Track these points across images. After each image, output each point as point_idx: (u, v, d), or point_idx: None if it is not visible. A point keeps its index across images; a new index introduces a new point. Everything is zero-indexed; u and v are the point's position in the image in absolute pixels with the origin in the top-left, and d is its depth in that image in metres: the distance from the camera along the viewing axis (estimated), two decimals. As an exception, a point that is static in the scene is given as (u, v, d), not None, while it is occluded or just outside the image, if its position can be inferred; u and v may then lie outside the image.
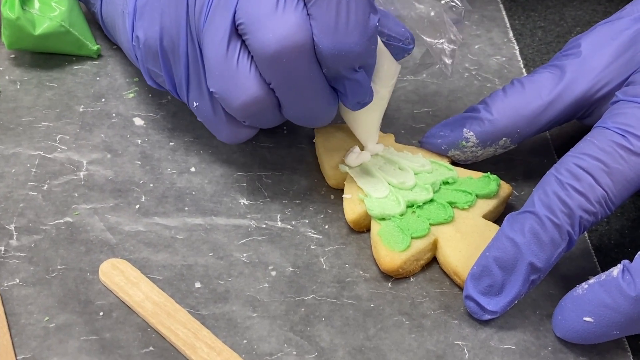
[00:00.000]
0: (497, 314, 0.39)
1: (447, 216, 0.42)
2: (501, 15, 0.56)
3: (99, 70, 0.51)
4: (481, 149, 0.44)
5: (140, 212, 0.44)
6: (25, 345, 0.38)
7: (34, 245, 0.42)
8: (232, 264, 0.42)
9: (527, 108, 0.43)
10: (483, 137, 0.44)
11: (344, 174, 0.44)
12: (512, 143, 0.44)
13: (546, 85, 0.43)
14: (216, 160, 0.46)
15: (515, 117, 0.43)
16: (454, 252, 0.41)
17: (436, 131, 0.45)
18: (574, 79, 0.43)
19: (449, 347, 0.39)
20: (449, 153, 0.45)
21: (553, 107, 0.43)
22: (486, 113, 0.44)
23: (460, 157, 0.45)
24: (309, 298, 0.41)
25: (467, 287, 0.39)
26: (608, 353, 0.39)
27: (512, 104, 0.43)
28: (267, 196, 0.45)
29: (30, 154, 0.46)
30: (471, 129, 0.44)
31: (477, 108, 0.44)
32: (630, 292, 0.36)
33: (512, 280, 0.38)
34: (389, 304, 0.41)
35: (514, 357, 0.39)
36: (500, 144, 0.44)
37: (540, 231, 0.38)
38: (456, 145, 0.44)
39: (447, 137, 0.44)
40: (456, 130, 0.44)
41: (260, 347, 0.39)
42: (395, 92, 0.51)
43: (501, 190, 0.44)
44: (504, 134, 0.44)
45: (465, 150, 0.44)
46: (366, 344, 0.39)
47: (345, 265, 0.42)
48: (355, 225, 0.43)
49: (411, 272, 0.42)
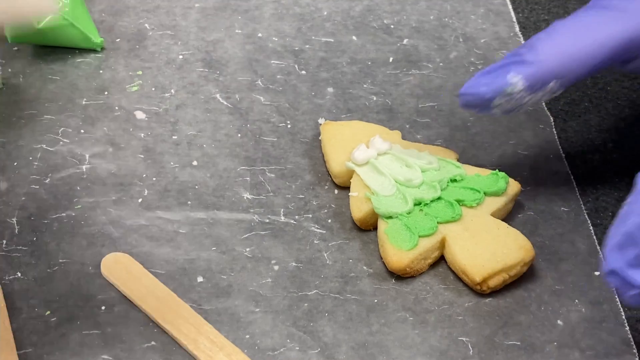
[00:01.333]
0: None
1: (455, 214, 0.42)
2: (507, 10, 0.55)
3: (101, 64, 0.50)
4: (529, 94, 0.41)
5: (143, 206, 0.43)
6: (26, 339, 0.38)
7: (36, 239, 0.42)
8: (234, 258, 0.42)
9: (576, 46, 0.40)
10: (532, 80, 0.40)
11: (350, 172, 0.44)
12: (561, 87, 0.41)
13: (596, 24, 0.41)
14: (219, 154, 0.46)
15: (564, 57, 0.40)
16: (462, 251, 0.41)
17: (476, 80, 0.41)
18: (625, 19, 0.41)
19: (453, 342, 0.39)
20: (494, 103, 0.41)
21: (605, 46, 0.40)
22: (532, 55, 0.41)
23: (505, 107, 0.41)
24: (312, 293, 0.40)
25: (609, 260, 0.34)
26: (614, 348, 0.39)
27: (559, 43, 0.41)
28: (270, 190, 0.45)
29: (33, 147, 0.46)
30: (518, 72, 0.40)
31: (519, 52, 0.41)
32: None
33: None
34: (393, 300, 0.40)
35: (518, 353, 0.39)
36: (548, 89, 0.41)
37: None
38: (502, 93, 0.41)
39: (491, 84, 0.41)
40: (500, 77, 0.41)
41: (263, 342, 0.38)
42: (400, 86, 0.50)
43: (509, 187, 0.43)
44: (554, 75, 0.41)
45: (512, 97, 0.41)
46: (369, 339, 0.39)
47: (348, 260, 0.42)
48: (361, 224, 0.43)
49: (418, 271, 0.41)
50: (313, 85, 0.50)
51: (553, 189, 0.46)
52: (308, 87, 0.50)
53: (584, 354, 0.39)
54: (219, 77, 0.50)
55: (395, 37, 0.53)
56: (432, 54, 0.52)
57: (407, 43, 0.53)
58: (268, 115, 0.48)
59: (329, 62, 0.51)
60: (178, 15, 0.53)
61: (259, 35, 0.53)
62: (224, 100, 0.49)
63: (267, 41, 0.52)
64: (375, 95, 0.50)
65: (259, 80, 0.50)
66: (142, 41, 0.52)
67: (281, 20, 0.54)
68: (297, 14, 0.54)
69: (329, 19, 0.54)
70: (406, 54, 0.52)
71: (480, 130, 0.48)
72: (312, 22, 0.54)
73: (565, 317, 0.40)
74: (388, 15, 0.54)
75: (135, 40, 0.52)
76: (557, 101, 0.50)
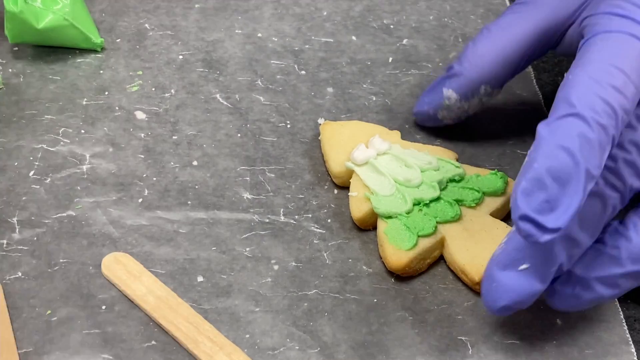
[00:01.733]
0: (560, 231, 0.34)
1: (454, 214, 0.42)
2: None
3: (102, 64, 0.50)
4: (465, 102, 0.45)
5: (143, 205, 0.43)
6: (27, 339, 0.38)
7: (37, 239, 0.42)
8: (234, 258, 0.42)
9: (497, 50, 0.43)
10: (462, 90, 0.44)
11: (349, 172, 0.44)
12: (493, 88, 0.45)
13: (511, 23, 0.43)
14: (219, 154, 0.46)
15: (485, 62, 0.44)
16: (462, 251, 0.41)
17: (422, 99, 0.46)
18: (536, 11, 0.43)
19: (452, 342, 0.39)
20: (439, 115, 0.46)
21: (520, 42, 0.43)
22: (459, 67, 0.44)
23: (451, 116, 0.46)
24: (311, 293, 0.40)
25: (518, 206, 0.34)
26: (612, 347, 0.39)
27: (480, 50, 0.44)
28: (270, 190, 0.45)
29: (33, 147, 0.46)
30: (450, 87, 0.44)
31: (452, 66, 0.45)
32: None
33: (570, 191, 0.34)
34: (392, 299, 0.40)
35: (518, 352, 0.39)
36: (482, 92, 0.45)
37: (590, 134, 0.34)
38: (441, 106, 0.45)
39: (431, 102, 0.45)
40: (437, 93, 0.45)
41: (262, 342, 0.39)
42: (400, 86, 0.50)
43: (508, 187, 0.43)
44: (481, 81, 0.44)
45: (452, 108, 0.45)
46: (369, 339, 0.39)
47: (348, 260, 0.42)
48: (361, 224, 0.43)
49: (418, 270, 0.41)
50: (313, 85, 0.50)
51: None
52: (308, 87, 0.50)
53: (582, 352, 0.39)
54: (218, 77, 0.50)
55: (394, 37, 0.53)
56: (431, 54, 0.52)
57: (406, 43, 0.53)
58: (268, 115, 0.48)
59: (328, 62, 0.51)
60: (178, 16, 0.54)
61: (259, 35, 0.53)
62: (224, 100, 0.49)
63: (267, 41, 0.52)
64: (374, 95, 0.50)
65: (259, 80, 0.50)
66: (142, 41, 0.52)
67: (281, 21, 0.54)
68: (297, 14, 0.54)
69: (328, 19, 0.54)
70: (406, 54, 0.52)
71: (479, 130, 0.48)
72: (312, 22, 0.54)
73: (564, 316, 0.40)
74: (388, 16, 0.54)
75: (135, 41, 0.52)
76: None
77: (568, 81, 0.36)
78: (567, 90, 0.36)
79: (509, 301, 0.37)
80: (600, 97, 0.35)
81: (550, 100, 0.50)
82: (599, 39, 0.37)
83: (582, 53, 0.37)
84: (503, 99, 0.50)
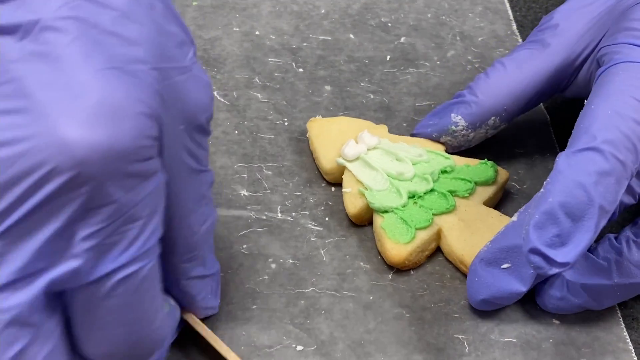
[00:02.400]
0: (569, 265, 0.35)
1: (449, 205, 0.42)
2: (504, 8, 0.55)
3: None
4: (472, 131, 0.44)
5: (140, 203, 0.43)
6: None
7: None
8: (231, 255, 0.42)
9: (510, 85, 0.43)
10: (471, 119, 0.44)
11: (341, 168, 0.44)
12: (502, 122, 0.44)
13: (526, 60, 0.44)
14: (216, 152, 0.46)
15: (499, 95, 0.44)
16: (459, 241, 0.41)
17: (426, 121, 0.45)
18: (552, 49, 0.43)
19: (449, 340, 0.39)
20: (441, 139, 0.45)
21: (535, 80, 0.43)
22: (471, 96, 0.44)
23: (453, 143, 0.45)
24: (308, 290, 0.40)
25: (530, 239, 0.35)
26: (609, 345, 0.39)
27: (495, 83, 0.44)
28: (267, 188, 0.45)
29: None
30: (459, 113, 0.44)
31: (462, 93, 0.45)
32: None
33: (582, 227, 0.35)
34: (390, 297, 0.40)
35: (514, 350, 0.39)
36: (490, 124, 0.44)
37: (608, 170, 0.35)
38: (446, 131, 0.44)
39: (437, 124, 0.45)
40: (445, 117, 0.44)
41: (259, 340, 0.38)
42: (397, 84, 0.50)
43: (499, 176, 0.44)
44: (492, 113, 0.44)
45: (457, 135, 0.44)
46: (366, 337, 0.39)
47: (345, 258, 0.42)
48: (357, 219, 0.43)
49: (417, 263, 0.41)
50: (310, 83, 0.50)
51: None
52: (305, 85, 0.50)
53: (579, 351, 0.39)
54: (216, 74, 0.50)
55: (392, 36, 0.53)
56: (429, 53, 0.52)
57: (404, 41, 0.53)
58: (265, 113, 0.48)
59: (326, 60, 0.51)
60: (176, 13, 0.53)
61: (257, 33, 0.53)
62: (222, 97, 0.49)
63: (265, 39, 0.52)
64: (372, 93, 0.50)
65: (257, 78, 0.50)
66: (140, 39, 0.52)
67: (279, 18, 0.54)
68: (294, 12, 0.54)
69: (326, 17, 0.54)
70: (404, 52, 0.52)
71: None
72: (310, 20, 0.54)
73: (561, 315, 0.40)
74: (386, 14, 0.54)
75: (132, 38, 0.52)
76: (554, 100, 0.50)
77: (590, 111, 0.36)
78: (588, 121, 0.36)
79: (487, 296, 0.39)
80: (621, 131, 0.35)
81: (551, 103, 0.50)
82: (621, 68, 0.37)
83: (604, 82, 0.37)
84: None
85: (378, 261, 0.42)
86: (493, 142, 0.47)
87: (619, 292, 0.38)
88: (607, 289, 0.38)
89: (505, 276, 0.38)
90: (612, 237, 0.39)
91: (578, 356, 0.39)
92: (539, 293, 0.40)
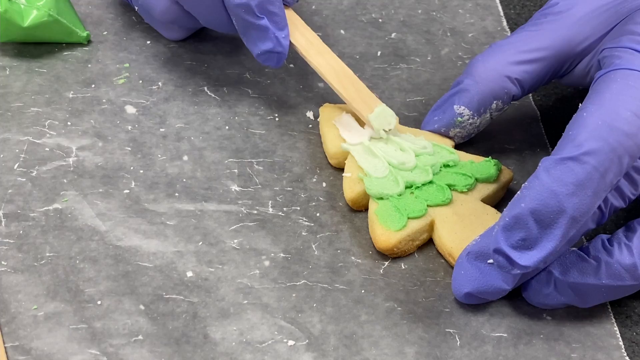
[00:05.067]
0: (529, 269, 0.36)
1: (445, 198, 0.42)
2: (494, 4, 0.55)
3: (88, 56, 0.50)
4: (477, 118, 0.44)
5: (130, 198, 0.43)
6: (13, 334, 0.38)
7: (23, 232, 0.41)
8: (223, 250, 0.41)
9: (510, 68, 0.42)
10: (474, 105, 0.43)
11: (345, 153, 0.44)
12: (504, 104, 0.44)
13: (525, 41, 0.43)
14: (207, 147, 0.46)
15: (499, 78, 0.42)
16: (450, 234, 0.41)
17: (430, 118, 0.45)
18: (552, 33, 0.42)
19: (440, 334, 0.39)
20: (451, 133, 0.44)
21: (534, 63, 0.42)
22: (470, 82, 0.43)
23: (462, 134, 0.45)
24: (300, 284, 0.40)
25: (496, 239, 0.36)
26: (600, 340, 0.39)
27: (493, 65, 0.43)
28: (258, 183, 0.44)
29: (19, 140, 0.45)
30: (461, 103, 0.43)
31: (460, 80, 0.44)
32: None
33: (549, 235, 0.35)
34: (381, 291, 0.40)
35: (506, 344, 0.39)
36: (494, 108, 0.44)
37: (587, 183, 0.35)
38: (453, 124, 0.44)
39: (442, 119, 0.44)
40: (448, 110, 0.44)
41: (251, 335, 0.38)
42: (388, 80, 0.50)
43: (502, 175, 0.44)
44: (492, 96, 0.43)
45: (464, 125, 0.44)
46: (358, 331, 0.39)
47: (337, 252, 0.42)
48: (353, 204, 0.43)
49: (406, 252, 0.41)
50: (301, 78, 0.50)
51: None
52: (296, 80, 0.50)
53: (570, 346, 0.39)
54: (206, 69, 0.50)
55: (383, 31, 0.53)
56: (420, 48, 0.52)
57: (395, 37, 0.53)
58: (256, 108, 0.48)
59: (317, 55, 0.51)
60: (166, 9, 0.53)
61: (247, 28, 0.52)
62: (212, 92, 0.49)
63: (255, 35, 0.52)
64: (363, 88, 0.50)
65: (247, 74, 0.50)
66: (129, 34, 0.51)
67: (269, 14, 0.53)
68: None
69: (317, 12, 0.54)
70: (394, 48, 0.52)
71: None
72: (301, 15, 0.54)
73: (551, 311, 0.40)
74: (376, 10, 0.54)
75: (122, 33, 0.51)
76: (547, 98, 0.50)
77: (581, 119, 0.36)
78: (577, 129, 0.35)
79: (471, 289, 0.39)
80: (608, 143, 0.35)
81: (541, 99, 0.50)
82: (619, 75, 0.37)
83: (599, 88, 0.37)
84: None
85: (370, 256, 0.42)
86: (483, 138, 0.47)
87: (606, 293, 0.38)
88: (594, 289, 0.38)
89: (491, 271, 0.38)
90: (605, 238, 0.39)
91: (569, 351, 0.39)
92: (525, 287, 0.40)
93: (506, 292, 0.39)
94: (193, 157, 0.45)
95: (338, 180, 0.45)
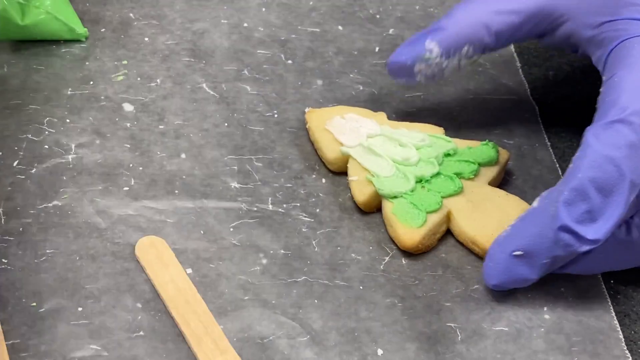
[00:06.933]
0: (598, 242, 0.35)
1: (457, 187, 0.42)
2: None
3: (87, 54, 0.50)
4: (445, 59, 0.43)
5: (130, 195, 0.43)
6: (14, 331, 0.38)
7: (22, 229, 0.41)
8: (223, 247, 0.41)
9: (488, 16, 0.42)
10: (445, 44, 0.43)
11: (344, 157, 0.44)
12: (475, 52, 0.43)
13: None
14: (206, 144, 0.46)
15: (476, 24, 0.42)
16: (469, 222, 0.41)
17: (400, 49, 0.44)
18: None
19: (441, 329, 0.39)
20: (415, 68, 0.44)
21: (514, 15, 0.42)
22: (446, 21, 0.43)
23: (427, 72, 0.44)
24: (300, 280, 0.40)
25: (559, 217, 0.35)
26: (600, 334, 0.39)
27: (472, 11, 0.43)
28: (258, 179, 0.44)
29: (18, 137, 0.45)
30: (434, 40, 0.43)
31: (439, 20, 0.44)
32: (551, 216, 0.36)
33: (613, 203, 0.34)
34: (381, 287, 0.40)
35: (506, 338, 0.39)
36: (463, 53, 0.43)
37: (638, 143, 0.34)
38: (420, 58, 0.43)
39: (411, 52, 0.43)
40: (419, 44, 0.43)
41: (252, 331, 0.38)
42: (386, 76, 0.50)
43: (500, 156, 0.44)
44: (466, 39, 0.42)
45: (430, 62, 0.43)
46: (358, 326, 0.39)
47: (337, 248, 0.42)
48: (365, 207, 0.43)
49: (429, 246, 0.42)
50: (300, 74, 0.50)
51: (538, 177, 0.46)
52: (295, 76, 0.50)
53: (570, 339, 0.39)
54: (205, 66, 0.50)
55: (381, 27, 0.53)
56: (418, 44, 0.52)
57: (392, 33, 0.53)
58: (255, 105, 0.48)
59: (315, 52, 0.51)
60: (163, 5, 0.53)
61: (245, 25, 0.53)
62: (211, 89, 0.49)
63: (253, 31, 0.52)
64: (361, 85, 0.50)
65: (245, 70, 0.50)
66: (128, 31, 0.51)
67: (267, 10, 0.53)
68: (283, 4, 0.54)
69: (315, 8, 0.54)
70: (392, 43, 0.52)
71: (466, 119, 0.48)
72: (298, 12, 0.54)
73: (551, 305, 0.40)
74: (374, 6, 0.54)
75: (120, 30, 0.51)
76: (545, 94, 0.50)
77: (615, 84, 0.35)
78: (616, 93, 0.35)
79: (500, 281, 0.39)
80: None
81: (539, 94, 0.50)
82: (637, 42, 0.37)
83: (623, 55, 0.37)
84: (488, 87, 0.50)
85: (369, 252, 0.42)
86: (481, 133, 0.47)
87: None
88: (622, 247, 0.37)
89: (519, 263, 0.38)
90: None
91: (569, 345, 0.39)
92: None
93: (532, 282, 0.39)
94: (192, 154, 0.45)
95: (337, 177, 0.45)
